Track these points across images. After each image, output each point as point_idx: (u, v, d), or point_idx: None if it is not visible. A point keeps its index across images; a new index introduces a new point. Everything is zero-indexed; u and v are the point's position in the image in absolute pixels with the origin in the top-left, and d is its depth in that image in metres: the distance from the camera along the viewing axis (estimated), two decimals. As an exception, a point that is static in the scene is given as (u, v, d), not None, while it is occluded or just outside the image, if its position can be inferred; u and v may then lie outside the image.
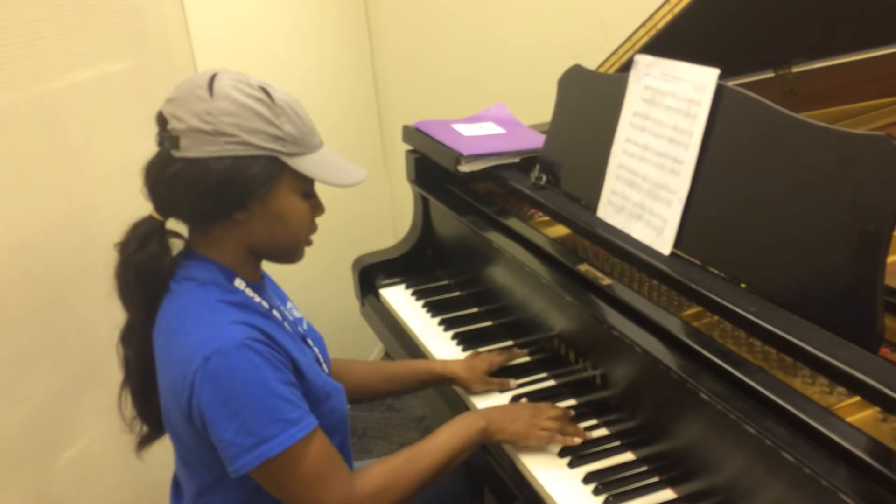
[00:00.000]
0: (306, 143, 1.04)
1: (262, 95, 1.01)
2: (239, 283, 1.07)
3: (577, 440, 1.19)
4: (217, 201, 1.01)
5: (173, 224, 1.08)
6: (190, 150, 0.99)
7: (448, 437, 1.15)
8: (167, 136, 1.00)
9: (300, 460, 1.00)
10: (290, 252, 1.12)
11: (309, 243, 1.13)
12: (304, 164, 1.04)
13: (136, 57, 1.54)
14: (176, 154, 1.00)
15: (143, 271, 1.04)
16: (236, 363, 0.96)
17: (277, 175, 1.02)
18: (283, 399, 0.99)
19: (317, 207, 1.12)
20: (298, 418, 1.00)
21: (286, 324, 1.13)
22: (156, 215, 1.05)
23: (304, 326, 1.23)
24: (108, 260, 1.06)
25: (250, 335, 0.99)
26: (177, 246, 1.09)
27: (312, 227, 1.12)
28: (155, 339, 1.07)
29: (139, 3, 1.54)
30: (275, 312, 1.11)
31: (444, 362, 1.41)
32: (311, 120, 1.07)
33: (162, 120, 1.02)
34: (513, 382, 1.37)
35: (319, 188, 1.10)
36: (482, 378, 1.36)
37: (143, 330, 1.08)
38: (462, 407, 1.39)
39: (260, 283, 1.13)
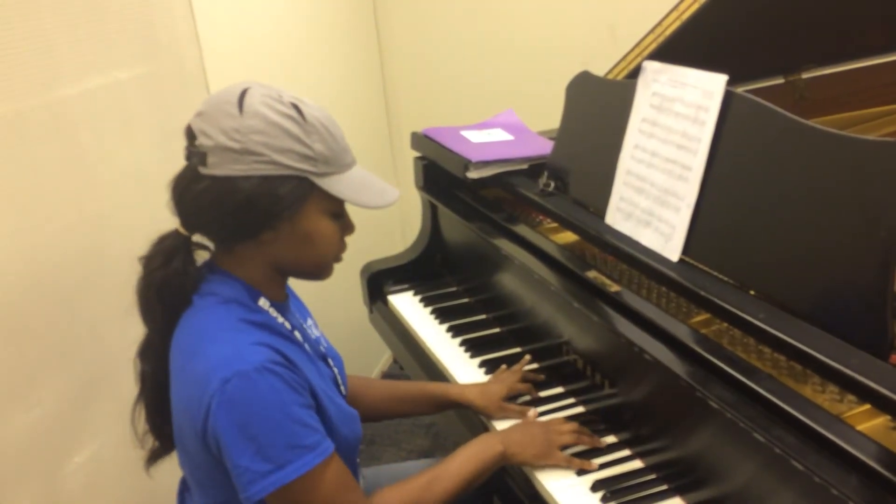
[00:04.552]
0: (338, 161, 1.01)
1: (294, 113, 0.97)
2: (263, 303, 1.05)
3: (595, 464, 1.18)
4: (243, 221, 0.98)
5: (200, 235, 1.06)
6: (217, 167, 0.96)
7: (465, 462, 1.14)
8: (195, 151, 0.98)
9: (315, 486, 0.98)
10: (317, 272, 1.09)
11: (338, 261, 1.10)
12: (334, 185, 1.01)
13: (148, 65, 1.55)
14: (203, 171, 0.97)
15: (166, 287, 1.02)
16: (255, 387, 0.93)
17: (307, 196, 0.99)
18: (301, 423, 0.97)
19: (347, 227, 1.09)
20: (315, 443, 0.98)
21: (307, 345, 1.11)
22: (182, 230, 1.03)
23: (324, 345, 1.21)
24: (117, 267, 1.06)
25: (270, 357, 0.96)
26: (202, 257, 1.07)
27: (342, 247, 1.09)
28: (171, 355, 1.04)
29: (150, 11, 1.55)
30: (297, 334, 1.09)
31: (462, 388, 1.38)
32: (344, 137, 1.04)
33: (190, 134, 0.99)
34: (532, 413, 1.31)
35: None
36: (499, 405, 1.33)
37: (161, 345, 1.06)
38: (471, 416, 1.38)
39: (285, 302, 1.11)
